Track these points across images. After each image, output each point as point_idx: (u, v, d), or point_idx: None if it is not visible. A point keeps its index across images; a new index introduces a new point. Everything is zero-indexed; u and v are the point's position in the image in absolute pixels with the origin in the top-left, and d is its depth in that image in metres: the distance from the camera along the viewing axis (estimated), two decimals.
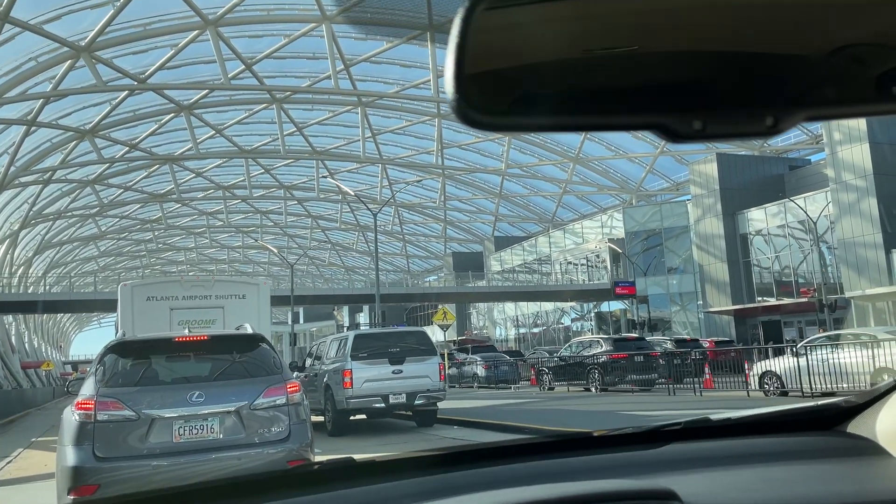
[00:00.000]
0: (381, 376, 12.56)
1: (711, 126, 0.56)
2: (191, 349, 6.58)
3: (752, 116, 0.56)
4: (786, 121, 0.57)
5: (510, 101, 0.58)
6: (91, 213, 56.95)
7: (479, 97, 0.57)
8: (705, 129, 0.56)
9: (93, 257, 73.67)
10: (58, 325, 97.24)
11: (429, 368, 13.02)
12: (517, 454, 1.57)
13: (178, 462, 5.70)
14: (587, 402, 16.69)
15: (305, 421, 6.31)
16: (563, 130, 0.60)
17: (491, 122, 0.57)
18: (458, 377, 28.65)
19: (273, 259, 76.39)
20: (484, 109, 0.57)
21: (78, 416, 5.68)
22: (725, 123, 0.56)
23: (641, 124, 0.58)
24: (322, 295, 55.97)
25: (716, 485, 1.41)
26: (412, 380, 12.73)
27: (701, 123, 0.56)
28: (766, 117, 0.56)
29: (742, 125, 0.57)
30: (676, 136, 0.57)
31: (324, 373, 13.67)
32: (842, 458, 1.56)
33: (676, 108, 0.56)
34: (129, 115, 41.33)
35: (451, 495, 1.25)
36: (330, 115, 46.93)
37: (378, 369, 12.61)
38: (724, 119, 0.56)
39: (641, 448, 1.61)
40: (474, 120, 0.57)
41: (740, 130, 0.58)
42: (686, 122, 0.56)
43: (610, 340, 22.20)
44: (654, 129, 0.57)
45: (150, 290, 13.72)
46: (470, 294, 53.23)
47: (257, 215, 66.56)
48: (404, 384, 12.65)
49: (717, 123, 0.56)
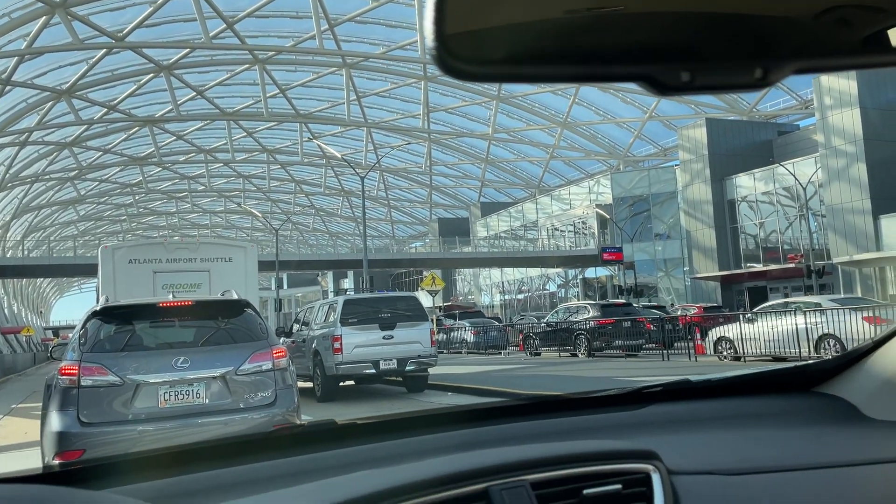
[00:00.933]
0: (371, 342, 12.35)
1: (699, 78, 0.56)
2: (175, 315, 6.53)
3: (741, 68, 0.56)
4: (775, 73, 0.56)
5: (492, 50, 0.56)
6: (70, 177, 55.86)
7: (460, 45, 0.55)
8: (693, 80, 0.55)
9: (72, 221, 72.58)
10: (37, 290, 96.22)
11: (420, 334, 12.80)
12: (499, 416, 1.58)
13: (163, 427, 5.70)
14: (579, 367, 16.57)
15: (291, 386, 6.33)
16: (547, 81, 0.59)
17: (471, 71, 0.55)
18: (446, 343, 28.55)
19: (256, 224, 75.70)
20: (464, 58, 0.55)
21: (62, 382, 5.66)
22: (714, 75, 0.56)
23: (628, 75, 0.57)
24: (307, 260, 55.49)
25: (696, 445, 1.42)
26: (403, 345, 12.52)
27: (689, 75, 0.55)
28: (755, 69, 0.56)
29: (731, 76, 0.56)
30: (664, 88, 0.56)
31: (312, 338, 13.45)
32: (820, 419, 1.60)
33: (664, 60, 0.55)
34: (107, 75, 40.25)
35: (432, 456, 1.23)
36: (314, 76, 46.02)
37: (368, 335, 12.39)
38: (712, 70, 0.56)
39: (623, 409, 1.63)
40: (454, 68, 0.55)
41: (729, 82, 0.57)
42: (674, 73, 0.55)
43: (598, 306, 22.08)
44: (642, 80, 0.56)
45: (132, 252, 13.28)
46: (457, 260, 53.03)
47: (240, 180, 65.66)
48: (395, 350, 12.45)
49: (706, 75, 0.56)
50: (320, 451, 1.34)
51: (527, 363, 19.55)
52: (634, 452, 1.24)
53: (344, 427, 1.45)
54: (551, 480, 1.14)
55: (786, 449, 1.43)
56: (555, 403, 1.68)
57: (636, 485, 1.19)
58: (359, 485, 1.07)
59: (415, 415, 1.58)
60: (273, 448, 1.36)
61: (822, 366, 1.75)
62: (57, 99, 39.78)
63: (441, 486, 1.07)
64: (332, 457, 1.31)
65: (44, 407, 5.88)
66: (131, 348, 6.08)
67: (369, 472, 1.15)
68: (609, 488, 1.16)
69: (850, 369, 1.68)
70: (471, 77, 0.56)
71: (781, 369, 1.83)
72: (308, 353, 13.38)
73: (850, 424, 1.56)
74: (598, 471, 1.18)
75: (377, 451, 1.34)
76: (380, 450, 1.35)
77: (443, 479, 1.08)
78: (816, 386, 1.74)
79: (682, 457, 1.30)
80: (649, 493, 1.18)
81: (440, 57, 0.56)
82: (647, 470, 1.21)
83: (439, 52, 0.56)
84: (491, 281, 60.76)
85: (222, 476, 1.24)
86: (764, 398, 1.72)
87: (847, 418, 1.59)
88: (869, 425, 1.56)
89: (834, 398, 1.68)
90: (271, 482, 1.20)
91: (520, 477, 1.12)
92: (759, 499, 1.25)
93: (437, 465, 1.13)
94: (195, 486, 1.20)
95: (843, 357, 1.72)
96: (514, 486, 1.10)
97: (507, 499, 1.08)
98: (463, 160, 60.65)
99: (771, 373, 1.84)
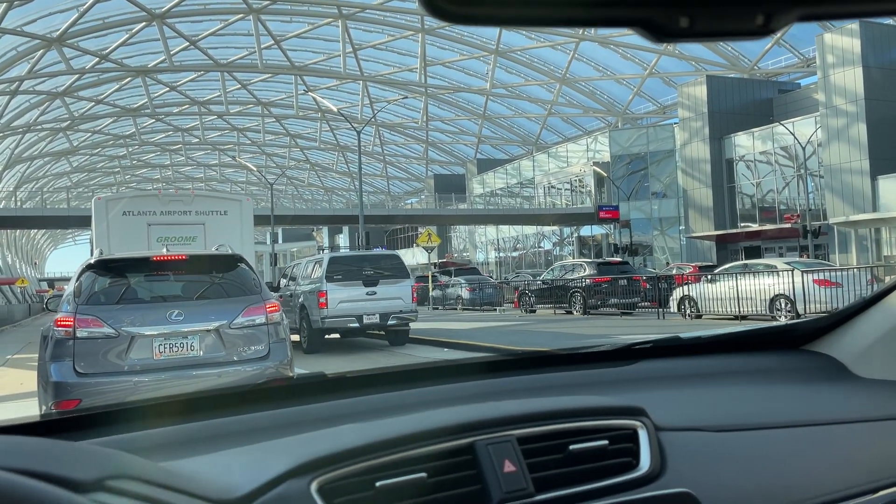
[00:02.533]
0: (355, 297, 12.88)
1: (699, 23, 0.54)
2: (169, 268, 6.54)
3: (743, 14, 0.54)
4: (778, 19, 0.55)
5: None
6: (62, 127, 55.17)
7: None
8: (693, 26, 0.54)
9: (65, 173, 71.98)
10: (31, 241, 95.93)
11: (401, 290, 13.36)
12: (487, 370, 1.59)
13: (158, 378, 5.77)
14: (574, 324, 16.63)
15: (285, 340, 6.39)
16: (538, 24, 0.56)
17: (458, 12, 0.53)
18: (442, 299, 28.59)
19: (251, 178, 75.19)
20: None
21: (58, 333, 5.72)
22: (714, 20, 0.54)
23: (625, 19, 0.54)
24: (302, 215, 55.21)
25: (684, 401, 1.42)
26: (385, 301, 13.09)
27: (688, 20, 0.54)
28: (758, 15, 0.54)
29: (732, 23, 0.54)
30: (662, 34, 0.55)
31: (299, 293, 13.92)
32: (808, 377, 1.60)
33: (662, 4, 0.53)
34: (98, 23, 39.43)
35: (419, 410, 1.24)
36: (309, 27, 45.20)
37: (352, 291, 12.92)
38: (712, 16, 0.54)
39: (611, 365, 1.63)
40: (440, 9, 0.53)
41: (729, 28, 0.55)
42: (673, 17, 0.54)
43: (594, 264, 22.07)
44: (639, 25, 0.54)
45: (125, 204, 13.00)
46: (453, 217, 52.88)
47: (234, 133, 64.98)
48: (378, 305, 13.03)
49: (706, 20, 0.54)
50: (309, 403, 1.35)
51: (521, 320, 19.62)
52: (621, 409, 1.24)
53: (333, 380, 1.45)
54: (538, 436, 1.14)
55: (773, 406, 1.43)
56: (543, 359, 1.69)
57: (623, 441, 1.19)
58: (345, 437, 1.07)
59: (403, 369, 1.59)
60: (262, 400, 1.37)
61: (812, 324, 1.75)
62: (48, 47, 39.04)
63: (427, 440, 1.07)
64: (321, 409, 1.32)
65: (40, 358, 5.94)
66: (126, 301, 6.10)
67: (355, 426, 1.15)
68: (595, 444, 1.16)
69: (840, 328, 1.69)
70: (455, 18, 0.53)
71: (771, 327, 1.84)
72: (295, 307, 13.81)
73: (838, 383, 1.58)
74: (585, 426, 1.18)
75: (365, 404, 1.35)
76: (368, 403, 1.36)
77: (429, 433, 1.08)
78: (806, 344, 1.75)
79: (670, 413, 1.31)
80: (636, 448, 1.19)
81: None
82: (633, 426, 1.21)
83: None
84: (486, 238, 60.74)
85: (211, 427, 1.24)
86: (753, 356, 1.72)
87: (835, 376, 1.61)
88: (857, 384, 1.57)
89: (823, 356, 1.69)
90: (260, 433, 1.20)
91: (506, 432, 1.12)
92: (745, 455, 1.25)
93: (424, 420, 1.13)
94: (184, 437, 1.20)
95: (832, 316, 1.72)
96: (501, 440, 1.10)
97: (493, 454, 1.08)
98: (460, 116, 60.03)
99: (760, 331, 1.84)
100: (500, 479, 1.06)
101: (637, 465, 1.17)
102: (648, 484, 1.15)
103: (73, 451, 0.89)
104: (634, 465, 1.17)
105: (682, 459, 1.21)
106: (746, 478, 1.22)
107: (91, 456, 0.88)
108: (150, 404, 1.34)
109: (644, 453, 1.18)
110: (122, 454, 0.94)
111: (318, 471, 1.00)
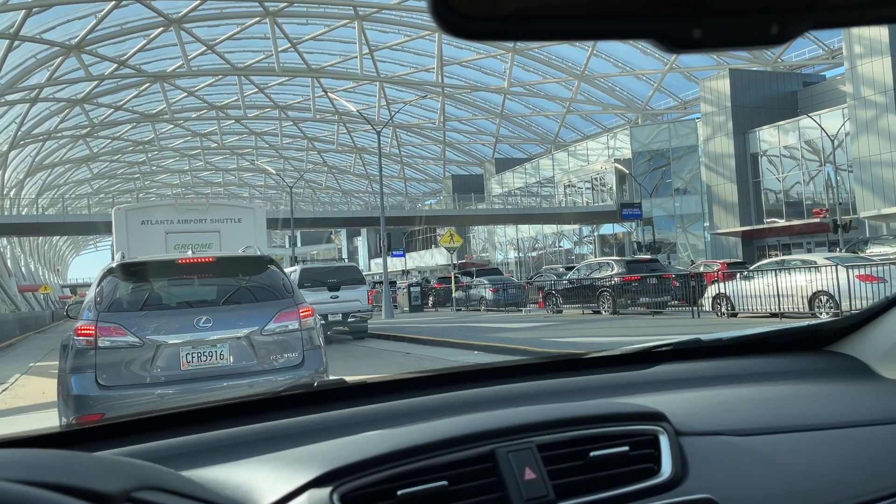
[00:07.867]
0: (321, 300, 15.07)
1: (712, 34, 0.53)
2: (195, 272, 6.22)
3: (758, 23, 0.53)
4: (792, 28, 0.54)
5: (494, 4, 0.52)
6: (82, 134, 55.49)
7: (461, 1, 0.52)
8: (706, 37, 0.53)
9: (86, 179, 72.47)
10: (54, 248, 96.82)
11: (359, 294, 16.69)
12: (507, 375, 1.59)
13: (185, 390, 5.43)
14: (605, 325, 16.19)
15: (320, 347, 6.05)
16: (552, 39, 0.55)
17: (472, 29, 0.52)
18: (465, 300, 28.14)
19: (269, 182, 75.35)
20: (465, 13, 0.52)
21: (78, 342, 5.38)
22: (727, 31, 0.53)
23: (637, 32, 0.54)
24: (321, 218, 55.04)
25: (705, 405, 1.40)
26: (346, 303, 16.31)
27: (701, 31, 0.53)
28: (771, 24, 0.53)
29: (745, 32, 0.53)
30: (676, 46, 0.54)
31: None
32: (831, 378, 1.57)
33: (676, 15, 0.52)
34: (116, 29, 39.54)
35: (439, 417, 1.25)
36: (325, 29, 45.06)
37: (319, 295, 15.34)
38: (725, 26, 0.53)
39: (632, 369, 1.62)
40: (454, 25, 0.52)
41: (743, 38, 0.54)
42: (685, 29, 0.53)
43: (622, 262, 21.59)
44: (652, 37, 0.53)
45: (144, 213, 13.49)
46: (472, 217, 52.48)
47: (252, 137, 65.06)
48: (340, 306, 16.22)
49: (719, 31, 0.53)
50: (330, 410, 1.35)
51: (548, 321, 19.20)
52: (642, 414, 1.22)
53: (354, 386, 1.47)
54: (558, 442, 1.14)
55: (796, 409, 1.41)
56: (563, 363, 1.69)
57: (644, 446, 1.18)
58: (367, 446, 1.07)
59: (422, 374, 1.60)
60: (283, 407, 1.38)
61: (835, 325, 1.72)
62: (66, 54, 39.18)
63: (447, 447, 1.08)
64: (342, 416, 1.33)
65: (60, 369, 5.61)
66: (150, 307, 5.74)
67: (377, 434, 1.15)
68: (616, 450, 1.15)
69: (863, 329, 1.66)
70: (470, 34, 0.52)
71: (793, 328, 1.80)
72: None
73: (862, 384, 1.54)
74: (606, 432, 1.17)
75: (386, 411, 1.35)
76: (389, 409, 1.36)
77: (450, 440, 1.09)
78: (828, 345, 1.72)
79: (691, 417, 1.29)
80: (657, 454, 1.17)
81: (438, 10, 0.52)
82: (654, 431, 1.20)
83: (438, 6, 0.52)
84: (505, 238, 60.25)
85: (234, 435, 1.24)
86: (775, 357, 1.70)
87: (859, 378, 1.57)
88: (881, 384, 1.54)
89: (846, 357, 1.66)
90: (282, 441, 1.21)
91: (526, 439, 1.12)
92: (768, 460, 1.23)
93: (444, 427, 1.13)
94: (206, 445, 1.20)
95: (855, 316, 1.69)
96: (521, 447, 1.10)
97: (514, 461, 1.08)
98: (477, 115, 59.62)
99: (782, 332, 1.82)
100: (521, 486, 1.05)
101: (658, 471, 1.15)
102: (670, 490, 1.13)
103: (97, 462, 0.88)
104: (656, 470, 1.15)
105: (704, 464, 1.19)
106: (769, 482, 1.19)
107: (116, 467, 0.87)
108: (170, 413, 1.33)
109: (665, 459, 1.16)
110: (147, 464, 0.94)
111: (341, 479, 1.00)
